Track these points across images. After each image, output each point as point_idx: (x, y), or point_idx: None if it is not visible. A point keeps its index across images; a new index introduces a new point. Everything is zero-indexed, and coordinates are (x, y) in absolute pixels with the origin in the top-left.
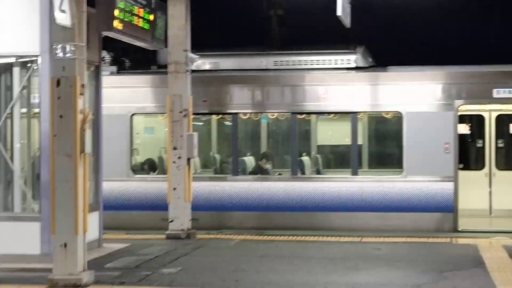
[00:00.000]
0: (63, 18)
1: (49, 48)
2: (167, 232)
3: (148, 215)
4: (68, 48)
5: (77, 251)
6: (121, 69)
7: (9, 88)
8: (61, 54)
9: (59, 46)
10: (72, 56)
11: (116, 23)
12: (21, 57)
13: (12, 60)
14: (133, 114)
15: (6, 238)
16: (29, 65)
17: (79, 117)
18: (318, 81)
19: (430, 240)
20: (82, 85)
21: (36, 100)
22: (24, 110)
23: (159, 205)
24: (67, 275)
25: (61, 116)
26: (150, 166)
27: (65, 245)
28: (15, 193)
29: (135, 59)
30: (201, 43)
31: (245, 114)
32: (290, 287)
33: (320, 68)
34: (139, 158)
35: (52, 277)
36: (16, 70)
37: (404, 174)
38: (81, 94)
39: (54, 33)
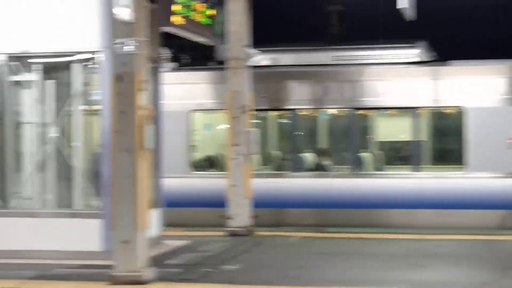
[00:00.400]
0: (125, 13)
1: (110, 44)
2: (227, 229)
3: (207, 211)
4: (129, 43)
5: (138, 248)
6: (180, 66)
7: (69, 85)
8: (122, 50)
9: (120, 41)
10: (133, 51)
11: (176, 19)
12: (82, 53)
13: (73, 57)
14: (192, 111)
15: (66, 235)
16: (89, 61)
17: (141, 113)
18: (378, 76)
19: (494, 237)
20: (143, 81)
21: (96, 97)
22: (84, 107)
23: (218, 202)
24: (128, 272)
25: (122, 112)
26: (209, 163)
27: (126, 242)
28: (75, 190)
29: (193, 55)
30: (260, 38)
31: (304, 110)
32: (353, 284)
33: (380, 63)
34: (198, 155)
35: (113, 274)
36: (76, 67)
37: (466, 170)
38: (142, 89)
39: (115, 28)
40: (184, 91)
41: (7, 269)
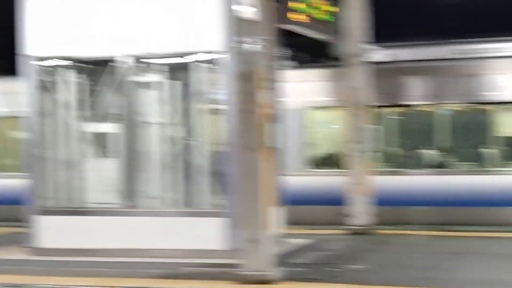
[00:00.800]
0: (248, 12)
1: (233, 43)
2: (347, 227)
3: (323, 209)
4: (253, 41)
5: (265, 247)
6: (298, 63)
7: (192, 84)
8: (245, 48)
9: (244, 40)
10: (257, 49)
11: (296, 16)
12: (204, 53)
13: (195, 56)
14: (308, 108)
15: (190, 233)
16: (211, 61)
17: (263, 111)
18: (499, 69)
19: None
20: (267, 79)
21: (219, 96)
22: (206, 106)
23: (335, 200)
24: (255, 271)
25: (246, 111)
26: (326, 160)
27: (253, 241)
28: (199, 189)
29: (310, 52)
30: (377, 34)
31: (423, 105)
32: (492, 286)
33: (502, 56)
34: (314, 152)
35: (241, 273)
36: (199, 67)
37: None
38: (265, 88)
39: (238, 27)
40: (299, 88)
41: (134, 267)
